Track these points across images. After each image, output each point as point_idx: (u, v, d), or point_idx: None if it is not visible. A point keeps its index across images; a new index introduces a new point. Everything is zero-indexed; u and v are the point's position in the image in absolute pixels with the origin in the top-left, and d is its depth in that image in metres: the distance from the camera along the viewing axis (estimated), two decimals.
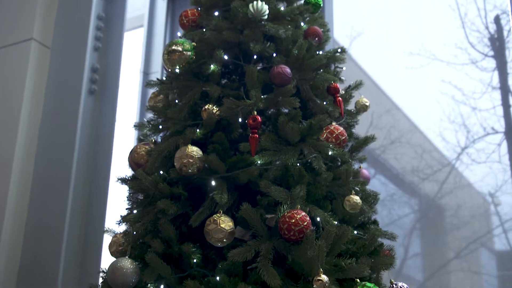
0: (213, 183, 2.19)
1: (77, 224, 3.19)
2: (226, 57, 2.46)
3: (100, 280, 2.29)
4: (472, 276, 4.50)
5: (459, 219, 4.56)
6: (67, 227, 3.11)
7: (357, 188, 2.38)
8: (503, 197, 4.38)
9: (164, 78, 2.59)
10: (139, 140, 2.57)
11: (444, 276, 4.53)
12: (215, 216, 2.11)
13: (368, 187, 2.49)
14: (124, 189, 2.45)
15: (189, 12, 2.68)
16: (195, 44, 2.49)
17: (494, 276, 4.56)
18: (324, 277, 1.97)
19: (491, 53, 4.36)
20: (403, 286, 2.29)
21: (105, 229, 2.45)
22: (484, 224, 4.56)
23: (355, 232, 2.31)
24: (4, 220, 3.00)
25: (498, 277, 4.54)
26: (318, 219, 2.16)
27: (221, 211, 2.13)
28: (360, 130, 2.69)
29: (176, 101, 2.49)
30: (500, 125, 4.29)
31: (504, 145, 4.22)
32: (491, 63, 4.32)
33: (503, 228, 4.42)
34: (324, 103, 2.48)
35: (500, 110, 4.24)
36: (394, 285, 2.29)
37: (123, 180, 2.46)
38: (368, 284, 2.10)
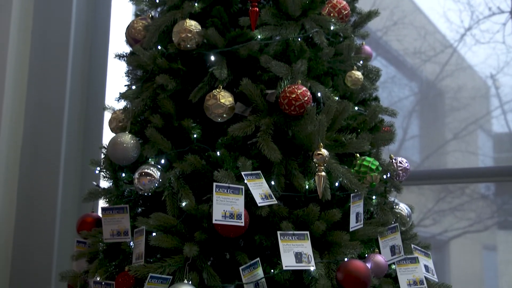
0: (212, 58, 2.15)
1: (77, 102, 3.17)
2: None
3: (102, 155, 2.31)
4: (469, 156, 4.55)
5: (459, 101, 4.55)
6: (67, 105, 3.09)
7: (359, 64, 2.34)
8: (504, 79, 4.34)
9: None
10: (136, 15, 2.50)
11: (441, 157, 4.58)
12: (214, 92, 2.09)
13: None
14: (123, 66, 2.42)
15: None
16: None
17: (490, 157, 4.62)
18: (324, 151, 1.98)
19: None
20: (402, 161, 2.32)
21: (104, 106, 2.44)
22: (484, 106, 4.56)
23: (356, 108, 2.30)
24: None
25: (494, 158, 4.60)
26: (319, 94, 2.14)
27: (221, 87, 2.10)
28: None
29: None
30: (507, 5, 4.18)
31: (509, 24, 4.13)
32: None
33: (502, 109, 4.42)
34: None
35: None
36: (393, 160, 2.31)
37: (121, 56, 2.42)
38: (367, 158, 2.12)
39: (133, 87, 2.31)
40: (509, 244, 4.39)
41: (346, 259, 1.95)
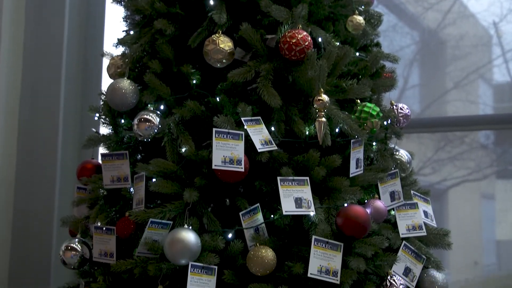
0: (211, 2, 2.11)
1: (75, 48, 3.13)
2: None
3: (101, 102, 2.29)
4: (469, 105, 4.53)
5: (461, 50, 4.50)
6: (65, 52, 3.05)
7: (361, 9, 2.30)
8: (506, 27, 4.29)
9: None
10: None
11: (441, 106, 4.56)
12: (214, 37, 2.06)
13: None
14: (121, 11, 2.38)
15: None
16: None
17: (490, 106, 4.60)
18: (324, 97, 1.96)
19: None
20: (403, 107, 2.31)
21: (103, 52, 2.41)
22: (486, 55, 4.51)
23: (357, 53, 2.27)
24: None
25: (494, 108, 4.58)
26: (320, 39, 2.11)
27: (220, 31, 2.07)
28: None
29: None
30: None
31: None
32: None
33: (504, 58, 4.38)
34: None
35: None
36: (394, 106, 2.30)
37: (119, 1, 2.37)
38: (368, 104, 2.11)
39: (131, 33, 2.29)
40: (508, 193, 4.41)
41: (345, 205, 1.96)
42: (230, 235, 1.95)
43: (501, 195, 4.53)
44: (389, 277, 1.94)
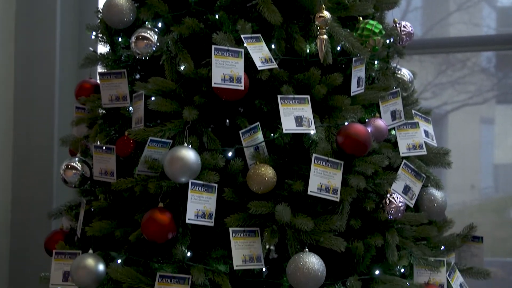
0: None
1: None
2: None
3: (97, 20, 2.24)
4: (472, 28, 4.48)
5: None
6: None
7: None
8: None
9: None
10: None
11: (444, 28, 4.50)
12: None
13: None
14: None
15: None
16: None
17: (493, 29, 4.54)
18: (326, 14, 1.92)
19: None
20: (406, 25, 2.26)
21: None
22: None
23: None
24: None
25: (497, 30, 4.52)
26: None
27: None
28: None
29: None
30: None
31: None
32: None
33: None
34: None
35: None
36: (397, 24, 2.25)
37: None
38: (371, 22, 2.06)
39: None
40: (507, 117, 4.42)
41: (346, 123, 1.95)
42: (230, 154, 1.94)
43: (500, 119, 4.54)
44: (388, 195, 1.95)
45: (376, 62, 2.17)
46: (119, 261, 1.93)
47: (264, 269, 1.89)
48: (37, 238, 2.55)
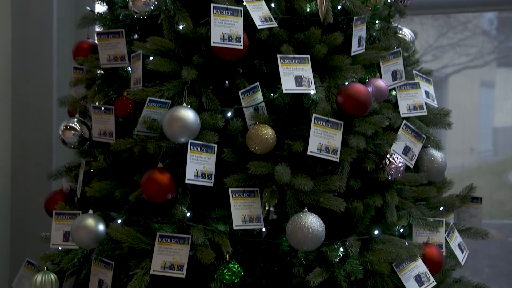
0: None
1: None
2: None
3: None
4: None
5: None
6: None
7: None
8: None
9: None
10: None
11: None
12: None
13: None
14: None
15: None
16: None
17: None
18: None
19: None
20: None
21: None
22: None
23: None
24: None
25: None
26: None
27: None
28: None
29: None
30: None
31: None
32: None
33: None
34: None
35: None
36: None
37: None
38: None
39: None
40: (508, 81, 4.39)
41: (346, 83, 1.93)
42: (229, 114, 1.93)
43: (500, 83, 4.50)
44: (388, 156, 1.94)
45: (377, 21, 2.14)
46: (119, 221, 1.94)
47: (263, 229, 1.90)
48: (37, 199, 2.56)
